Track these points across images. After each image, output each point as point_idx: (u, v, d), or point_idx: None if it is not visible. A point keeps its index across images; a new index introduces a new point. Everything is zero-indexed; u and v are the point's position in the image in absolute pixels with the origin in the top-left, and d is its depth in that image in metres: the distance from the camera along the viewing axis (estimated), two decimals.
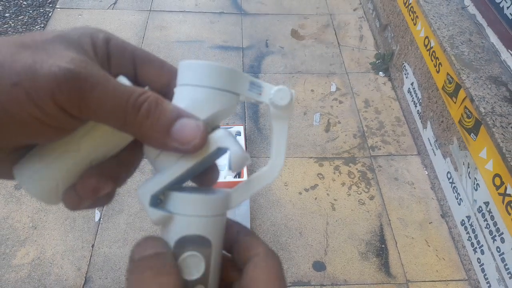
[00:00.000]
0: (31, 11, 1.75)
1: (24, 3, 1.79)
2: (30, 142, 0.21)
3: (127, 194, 1.18)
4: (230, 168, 0.24)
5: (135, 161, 0.25)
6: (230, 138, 0.24)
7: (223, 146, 0.23)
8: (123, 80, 0.23)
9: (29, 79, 0.18)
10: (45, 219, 1.11)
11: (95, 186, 0.23)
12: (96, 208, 1.12)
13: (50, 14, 1.73)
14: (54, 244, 1.07)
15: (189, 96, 0.24)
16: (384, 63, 1.60)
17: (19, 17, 1.73)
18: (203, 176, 0.26)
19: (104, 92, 0.20)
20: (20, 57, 0.19)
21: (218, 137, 0.23)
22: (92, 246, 1.07)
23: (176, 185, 0.24)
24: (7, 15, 1.74)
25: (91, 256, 1.05)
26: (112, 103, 0.20)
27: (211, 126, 0.24)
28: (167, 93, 0.24)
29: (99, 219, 1.12)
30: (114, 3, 1.80)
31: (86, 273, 1.02)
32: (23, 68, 0.18)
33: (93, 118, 0.21)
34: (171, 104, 0.22)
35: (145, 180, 0.24)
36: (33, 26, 1.68)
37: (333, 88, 1.53)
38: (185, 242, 0.23)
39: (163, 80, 0.25)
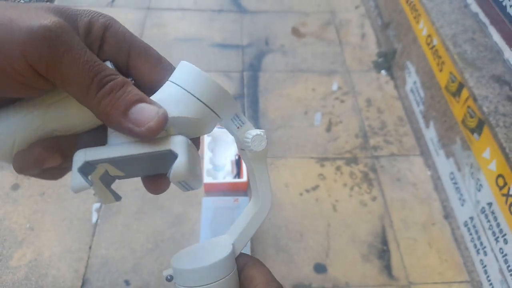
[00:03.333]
0: None
1: (22, 0, 1.77)
2: None
3: (124, 195, 1.16)
4: (168, 175, 0.22)
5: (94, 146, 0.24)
6: (186, 148, 0.22)
7: (174, 151, 0.22)
8: (108, 65, 0.23)
9: (6, 32, 0.19)
10: (42, 220, 1.10)
11: (38, 157, 0.22)
12: (94, 210, 1.12)
13: None
14: (51, 246, 1.06)
15: (171, 93, 0.23)
16: (387, 62, 1.59)
17: None
18: (151, 181, 0.25)
19: (75, 60, 0.20)
20: (1, 13, 0.19)
21: (177, 141, 0.22)
22: (90, 247, 1.06)
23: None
24: None
25: (88, 258, 1.04)
26: (79, 73, 0.20)
27: (178, 129, 0.23)
28: (156, 90, 0.24)
29: (96, 221, 1.11)
30: (112, 1, 1.78)
31: (84, 275, 1.01)
32: (2, 22, 0.19)
33: (57, 82, 0.21)
34: (138, 90, 0.22)
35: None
36: None
37: (335, 87, 1.51)
38: None
39: (154, 77, 0.24)
